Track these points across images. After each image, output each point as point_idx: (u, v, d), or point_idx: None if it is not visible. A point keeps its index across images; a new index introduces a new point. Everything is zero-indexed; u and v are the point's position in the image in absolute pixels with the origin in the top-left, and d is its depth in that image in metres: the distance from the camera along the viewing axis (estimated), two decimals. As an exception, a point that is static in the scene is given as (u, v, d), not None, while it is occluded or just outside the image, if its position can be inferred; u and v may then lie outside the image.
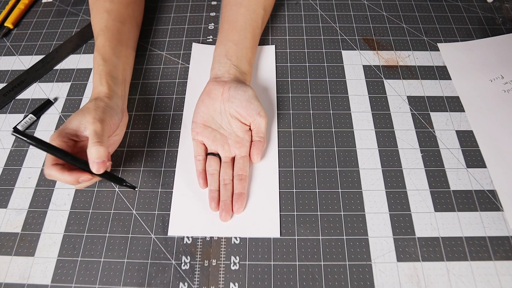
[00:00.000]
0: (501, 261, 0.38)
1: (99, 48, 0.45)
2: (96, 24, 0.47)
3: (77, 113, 0.39)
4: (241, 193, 0.41)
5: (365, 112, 0.49)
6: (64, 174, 0.36)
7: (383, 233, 0.40)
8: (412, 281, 0.38)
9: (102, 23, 0.47)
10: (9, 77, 0.54)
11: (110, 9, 0.48)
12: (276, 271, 0.39)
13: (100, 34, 0.46)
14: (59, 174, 0.36)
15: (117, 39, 0.47)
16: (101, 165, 0.36)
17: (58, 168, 0.36)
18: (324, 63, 0.53)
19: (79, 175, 0.37)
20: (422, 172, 0.44)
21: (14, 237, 0.41)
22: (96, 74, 0.43)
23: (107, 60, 0.44)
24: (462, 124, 0.47)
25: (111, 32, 0.47)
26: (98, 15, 0.48)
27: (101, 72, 0.43)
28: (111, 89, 0.43)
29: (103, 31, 0.46)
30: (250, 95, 0.44)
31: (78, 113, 0.39)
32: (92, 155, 0.36)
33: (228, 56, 0.47)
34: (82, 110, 0.39)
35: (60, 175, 0.36)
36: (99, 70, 0.43)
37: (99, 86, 0.42)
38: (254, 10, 0.50)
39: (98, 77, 0.43)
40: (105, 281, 0.38)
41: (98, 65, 0.44)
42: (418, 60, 0.53)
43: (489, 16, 0.58)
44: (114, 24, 0.48)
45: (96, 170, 0.36)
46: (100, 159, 0.36)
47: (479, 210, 0.41)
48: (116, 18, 0.48)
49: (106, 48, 0.45)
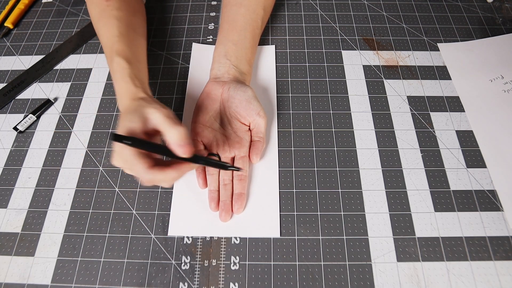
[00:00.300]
0: (501, 261, 0.38)
1: (120, 52, 0.42)
2: (108, 31, 0.45)
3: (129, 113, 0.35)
4: (240, 193, 0.41)
5: (365, 112, 0.49)
6: (167, 172, 0.34)
7: (383, 233, 0.40)
8: (412, 281, 0.38)
9: (115, 30, 0.45)
10: (9, 77, 0.54)
11: (119, 17, 0.46)
12: (276, 271, 0.39)
13: (116, 40, 0.44)
14: (162, 174, 0.34)
15: (134, 45, 0.46)
16: (187, 147, 0.34)
17: (158, 169, 0.34)
18: (324, 63, 0.53)
19: (181, 166, 0.35)
20: (422, 172, 0.44)
21: (14, 237, 0.41)
22: (125, 77, 0.40)
23: (131, 63, 0.42)
24: (462, 124, 0.47)
25: (127, 37, 0.45)
26: (109, 23, 0.46)
27: (130, 75, 0.41)
28: (146, 91, 0.41)
29: (119, 37, 0.44)
30: (250, 95, 0.44)
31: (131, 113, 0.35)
32: (173, 138, 0.33)
33: (227, 56, 0.47)
34: (133, 110, 0.36)
35: (163, 175, 0.34)
36: (126, 73, 0.41)
37: (132, 88, 0.40)
38: (254, 10, 0.50)
39: (128, 80, 0.40)
40: (105, 281, 0.38)
41: (123, 68, 0.41)
42: (418, 60, 0.53)
43: (489, 16, 0.58)
44: (127, 31, 0.46)
45: (182, 153, 0.34)
46: (183, 141, 0.34)
47: (479, 210, 0.41)
48: (128, 25, 0.47)
49: (127, 52, 0.43)
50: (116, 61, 0.42)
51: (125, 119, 0.35)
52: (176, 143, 0.34)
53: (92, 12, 0.49)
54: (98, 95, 0.51)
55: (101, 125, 0.49)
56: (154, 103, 0.37)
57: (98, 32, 0.48)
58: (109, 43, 0.44)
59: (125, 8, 0.48)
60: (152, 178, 0.34)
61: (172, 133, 0.33)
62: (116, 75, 0.41)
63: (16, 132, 0.49)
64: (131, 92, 0.39)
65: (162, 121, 0.34)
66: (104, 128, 0.48)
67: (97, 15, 0.48)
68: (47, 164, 0.46)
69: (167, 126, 0.34)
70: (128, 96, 0.39)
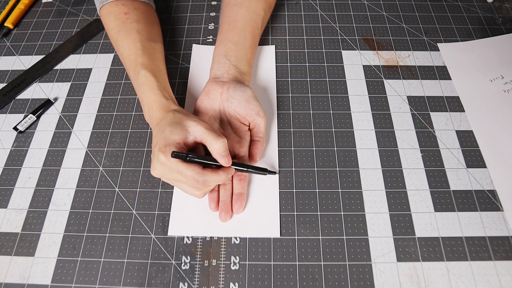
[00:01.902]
0: (501, 261, 0.38)
1: (145, 65, 0.44)
2: (131, 44, 0.46)
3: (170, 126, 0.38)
4: (240, 193, 0.41)
5: (365, 112, 0.49)
6: (220, 174, 0.38)
7: (383, 233, 0.40)
8: (412, 281, 0.38)
9: (138, 43, 0.46)
10: (9, 77, 0.54)
11: (140, 30, 0.48)
12: (276, 271, 0.39)
13: (140, 54, 0.45)
14: (216, 175, 0.37)
15: (156, 57, 0.47)
16: (228, 158, 0.38)
17: (210, 170, 0.37)
18: (324, 63, 0.53)
19: (228, 170, 0.39)
20: (422, 172, 0.44)
21: (14, 237, 0.41)
22: (154, 89, 0.42)
23: (157, 76, 0.44)
24: (462, 124, 0.47)
25: (149, 51, 0.47)
26: (130, 36, 0.47)
27: (159, 88, 0.43)
28: (175, 103, 0.43)
29: (142, 51, 0.46)
30: (249, 95, 0.44)
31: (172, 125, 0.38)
32: (218, 149, 0.37)
33: (227, 57, 0.47)
34: (173, 123, 0.38)
35: (216, 176, 0.37)
36: (155, 86, 0.43)
37: (163, 100, 0.42)
38: (254, 11, 0.50)
39: (158, 92, 0.42)
40: (105, 281, 0.38)
41: (150, 81, 0.43)
42: (418, 60, 0.53)
43: (489, 16, 0.58)
44: (149, 43, 0.48)
45: (225, 163, 0.38)
46: (226, 152, 0.38)
47: (479, 210, 0.41)
48: (149, 38, 0.48)
49: (152, 65, 0.45)
50: (143, 74, 0.44)
51: (167, 131, 0.38)
52: (220, 154, 0.37)
53: (110, 24, 0.49)
54: (98, 95, 0.51)
55: (101, 125, 0.49)
56: (191, 116, 0.40)
57: (117, 43, 0.48)
58: (132, 56, 0.46)
59: (143, 20, 0.50)
60: (207, 179, 0.36)
61: (216, 144, 0.37)
62: (144, 88, 0.43)
63: (16, 132, 0.49)
64: (163, 105, 0.42)
65: (205, 134, 0.37)
66: (104, 128, 0.48)
67: (116, 28, 0.48)
68: (47, 164, 0.46)
69: (211, 138, 0.37)
70: (161, 108, 0.41)
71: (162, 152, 0.36)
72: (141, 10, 0.50)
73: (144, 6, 0.52)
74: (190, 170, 0.36)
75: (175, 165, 0.36)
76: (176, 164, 0.36)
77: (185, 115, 0.39)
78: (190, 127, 0.38)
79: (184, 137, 0.38)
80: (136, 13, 0.49)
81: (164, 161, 0.36)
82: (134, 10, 0.49)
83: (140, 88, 0.44)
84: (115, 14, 0.48)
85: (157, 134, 0.39)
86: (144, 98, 0.43)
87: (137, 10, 0.50)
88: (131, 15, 0.48)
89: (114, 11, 0.49)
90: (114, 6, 0.49)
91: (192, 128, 0.38)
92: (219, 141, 0.37)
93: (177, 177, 0.37)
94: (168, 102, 0.42)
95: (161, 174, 0.38)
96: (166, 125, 0.38)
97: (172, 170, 0.36)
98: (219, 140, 0.37)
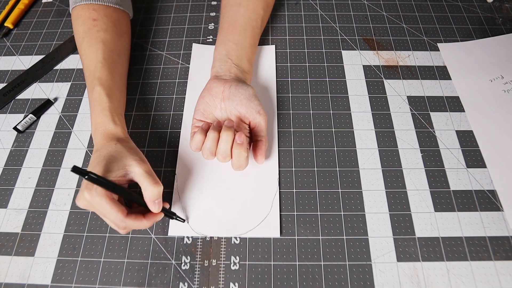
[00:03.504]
0: (501, 261, 0.38)
1: (102, 81, 0.43)
2: (92, 54, 0.45)
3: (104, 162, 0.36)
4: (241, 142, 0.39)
5: (365, 112, 0.49)
6: (143, 221, 0.36)
7: (383, 233, 0.40)
8: (412, 281, 0.38)
9: (100, 54, 0.44)
10: (9, 77, 0.54)
11: (105, 40, 0.46)
12: (276, 271, 0.39)
13: (100, 67, 0.44)
14: (137, 223, 0.36)
15: (117, 72, 0.46)
16: (160, 204, 0.37)
17: (133, 218, 0.36)
18: (324, 63, 0.53)
19: (153, 217, 0.37)
20: (422, 172, 0.44)
21: (14, 237, 0.41)
22: (104, 111, 0.41)
23: (111, 96, 0.43)
24: (462, 124, 0.47)
25: (110, 65, 0.45)
26: (93, 45, 0.45)
27: (110, 109, 0.41)
28: (124, 128, 0.42)
29: (102, 63, 0.44)
30: (250, 93, 0.44)
31: (108, 161, 0.36)
32: (152, 196, 0.36)
33: (228, 56, 0.47)
34: (112, 157, 0.37)
35: (139, 223, 0.36)
36: (106, 107, 0.41)
37: (110, 125, 0.40)
38: (254, 10, 0.50)
39: (107, 114, 0.41)
40: (105, 281, 0.38)
41: (102, 101, 0.42)
42: (418, 60, 0.53)
43: (489, 16, 0.58)
44: (111, 56, 0.46)
45: (156, 210, 0.37)
46: (159, 199, 0.37)
47: (479, 210, 0.41)
48: (113, 50, 0.47)
49: (109, 82, 0.43)
50: (97, 90, 0.42)
51: (102, 166, 0.36)
52: (151, 200, 0.36)
53: (77, 28, 0.47)
54: (98, 95, 0.51)
55: (101, 125, 0.49)
56: (134, 153, 0.38)
57: (80, 51, 0.46)
58: (91, 67, 0.44)
59: (112, 29, 0.48)
60: (128, 226, 0.36)
61: (151, 191, 0.36)
62: (95, 106, 0.42)
63: (16, 132, 0.49)
64: (108, 131, 0.40)
65: (144, 177, 0.36)
66: (104, 128, 0.48)
67: (81, 33, 0.46)
68: (47, 164, 0.46)
69: (148, 184, 0.36)
70: (105, 134, 0.40)
71: (88, 190, 0.34)
72: (111, 18, 0.48)
73: (117, 14, 0.49)
74: (112, 215, 0.34)
75: (99, 206, 0.34)
76: (100, 205, 0.34)
77: (127, 150, 0.38)
78: (130, 167, 0.37)
79: (120, 175, 0.36)
80: (105, 20, 0.47)
81: (88, 199, 0.34)
82: (104, 17, 0.47)
83: (92, 104, 0.42)
84: (84, 19, 0.47)
85: (93, 163, 0.37)
86: (93, 116, 0.42)
87: (107, 18, 0.48)
88: (99, 22, 0.46)
89: (83, 15, 0.47)
90: (85, 10, 0.47)
91: (131, 168, 0.37)
92: (155, 188, 0.36)
93: (100, 214, 0.36)
94: (115, 129, 0.40)
95: (85, 207, 0.36)
96: (104, 158, 0.36)
97: (95, 208, 0.35)
98: (155, 186, 0.36)
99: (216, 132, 0.40)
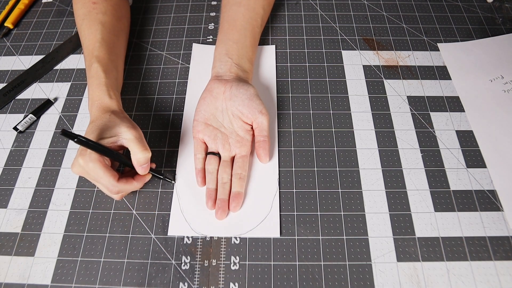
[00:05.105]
0: (501, 261, 0.38)
1: (100, 59, 0.44)
2: (91, 34, 0.46)
3: (102, 127, 0.38)
4: (238, 192, 0.41)
5: (365, 112, 0.49)
6: (133, 183, 0.39)
7: (383, 233, 0.40)
8: (412, 281, 0.38)
9: (98, 34, 0.46)
10: (9, 77, 0.54)
11: (104, 21, 0.48)
12: (276, 271, 0.39)
13: (98, 46, 0.45)
14: (129, 185, 0.38)
15: (114, 52, 0.47)
16: (147, 168, 0.39)
17: (124, 181, 0.38)
18: (324, 63, 0.53)
19: (142, 178, 0.40)
20: (422, 172, 0.44)
21: (14, 237, 0.41)
22: (100, 85, 0.42)
23: (108, 73, 0.44)
24: (462, 124, 0.47)
25: (108, 44, 0.47)
26: (93, 26, 0.47)
27: (106, 85, 0.43)
28: (119, 102, 0.43)
29: (101, 43, 0.46)
30: (252, 93, 0.44)
31: (102, 130, 0.38)
32: (139, 161, 0.38)
33: (229, 55, 0.47)
34: (105, 126, 0.38)
35: (130, 185, 0.39)
36: (103, 82, 0.43)
37: (106, 99, 0.42)
38: (254, 9, 0.50)
39: (103, 89, 0.42)
40: (105, 281, 0.38)
41: (100, 77, 0.43)
42: (418, 60, 0.53)
43: (489, 16, 0.58)
44: (110, 37, 0.47)
45: (143, 172, 0.39)
46: (146, 164, 0.39)
47: (479, 210, 0.41)
48: (111, 31, 0.48)
49: (106, 60, 0.45)
50: (95, 67, 0.44)
51: (95, 135, 0.37)
52: (140, 164, 0.39)
53: (77, 11, 0.49)
54: (98, 95, 0.51)
55: (101, 125, 0.49)
56: (126, 121, 0.40)
57: (80, 32, 0.49)
58: (90, 47, 0.46)
59: (111, 12, 0.49)
60: (120, 189, 0.38)
61: (139, 155, 0.38)
62: (93, 82, 0.43)
63: (16, 132, 0.49)
64: (103, 104, 0.42)
65: (133, 143, 0.38)
66: (104, 128, 0.48)
67: (81, 15, 0.48)
68: (47, 164, 0.46)
69: (137, 150, 0.38)
70: (100, 106, 0.41)
71: (82, 156, 0.36)
72: (111, 2, 0.50)
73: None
74: (105, 179, 0.36)
75: (92, 171, 0.36)
76: (93, 170, 0.36)
77: (120, 119, 0.39)
78: (121, 133, 0.38)
79: (112, 141, 0.38)
80: (104, 4, 0.49)
81: (82, 164, 0.36)
82: (104, 1, 0.49)
83: (89, 81, 0.44)
84: (84, 2, 0.49)
85: (87, 133, 0.38)
86: (90, 91, 0.43)
87: (107, 1, 0.49)
88: (98, 5, 0.48)
89: None
90: None
91: (122, 134, 0.38)
92: (143, 153, 0.38)
93: (94, 180, 0.38)
94: (111, 102, 0.42)
95: (79, 173, 0.38)
96: (97, 128, 0.38)
97: (89, 174, 0.37)
98: (144, 152, 0.38)
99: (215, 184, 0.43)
